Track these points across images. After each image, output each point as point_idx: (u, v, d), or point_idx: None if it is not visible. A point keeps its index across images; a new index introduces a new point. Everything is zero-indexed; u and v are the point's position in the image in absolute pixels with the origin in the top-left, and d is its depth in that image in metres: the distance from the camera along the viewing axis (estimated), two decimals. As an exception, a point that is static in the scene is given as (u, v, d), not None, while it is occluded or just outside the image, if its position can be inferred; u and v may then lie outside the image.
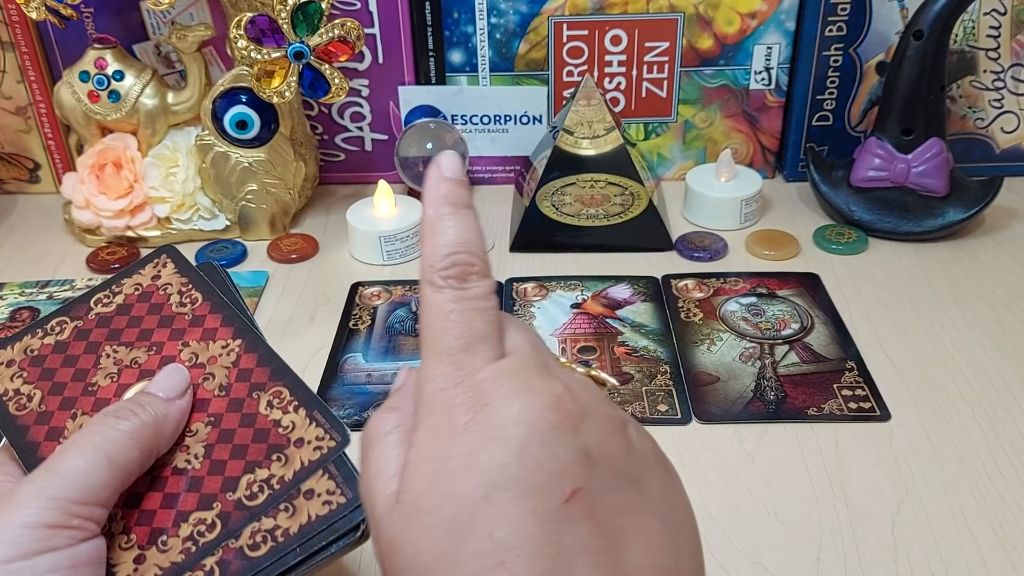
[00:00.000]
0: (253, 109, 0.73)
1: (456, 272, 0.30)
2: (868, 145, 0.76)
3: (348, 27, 0.68)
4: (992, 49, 0.80)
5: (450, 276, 0.30)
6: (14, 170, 0.86)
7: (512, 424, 0.27)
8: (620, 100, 0.83)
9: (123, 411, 0.36)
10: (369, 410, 0.58)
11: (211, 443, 0.38)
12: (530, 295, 0.69)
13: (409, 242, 0.74)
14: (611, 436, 0.29)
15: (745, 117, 0.84)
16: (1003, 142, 0.84)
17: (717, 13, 0.78)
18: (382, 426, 0.31)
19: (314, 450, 0.37)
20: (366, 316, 0.67)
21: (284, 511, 0.36)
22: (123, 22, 0.79)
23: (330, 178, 0.87)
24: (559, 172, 0.73)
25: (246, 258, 0.76)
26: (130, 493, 0.37)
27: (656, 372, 0.60)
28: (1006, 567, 0.45)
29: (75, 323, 0.43)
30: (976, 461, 0.52)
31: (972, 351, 0.62)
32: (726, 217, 0.78)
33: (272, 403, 0.39)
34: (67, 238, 0.80)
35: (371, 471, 0.30)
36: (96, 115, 0.74)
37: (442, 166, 0.31)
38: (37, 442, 0.39)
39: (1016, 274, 0.70)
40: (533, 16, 0.79)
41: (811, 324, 0.64)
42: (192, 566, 0.35)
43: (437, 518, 0.27)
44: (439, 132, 0.80)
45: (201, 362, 0.41)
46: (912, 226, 0.74)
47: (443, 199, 0.31)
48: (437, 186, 0.31)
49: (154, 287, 0.45)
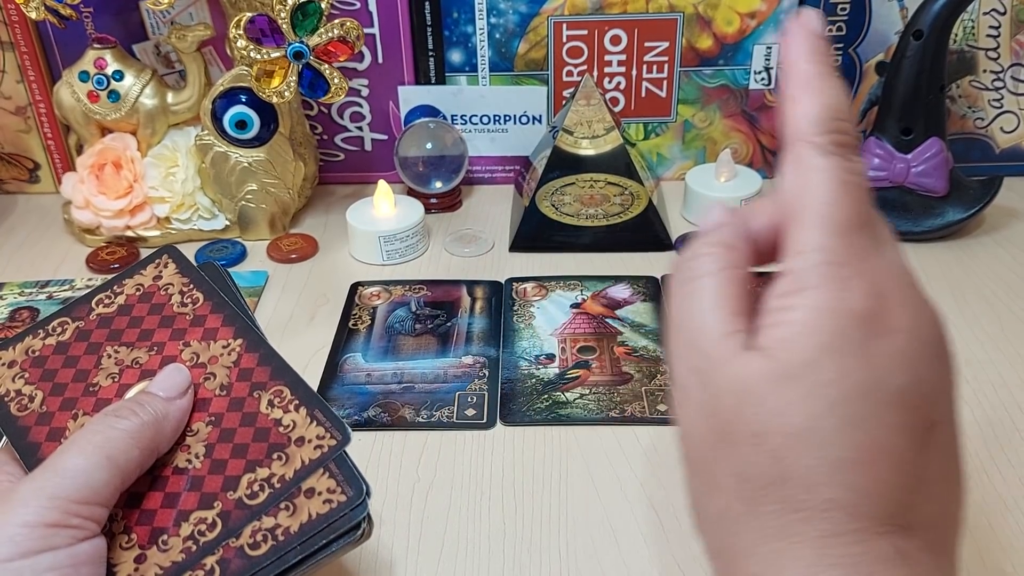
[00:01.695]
0: (253, 109, 0.73)
1: (844, 140, 0.29)
2: (867, 145, 0.76)
3: (348, 27, 0.69)
4: (992, 49, 0.80)
5: (839, 143, 0.29)
6: (14, 170, 0.86)
7: (907, 332, 0.27)
8: (620, 100, 0.83)
9: (123, 411, 0.37)
10: (370, 409, 0.58)
11: (212, 442, 0.38)
12: (530, 295, 0.69)
13: (409, 242, 0.74)
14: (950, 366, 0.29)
15: (744, 117, 0.84)
16: (1003, 142, 0.84)
17: (716, 13, 0.79)
18: (709, 262, 0.30)
19: (315, 449, 0.37)
20: (366, 316, 0.67)
21: (285, 510, 0.36)
22: (123, 22, 0.79)
23: (330, 178, 0.87)
24: (559, 172, 0.73)
25: (246, 258, 0.76)
26: (131, 493, 0.37)
27: (656, 372, 0.60)
28: (1006, 567, 0.46)
29: (76, 324, 0.44)
30: (975, 461, 0.52)
31: (971, 350, 0.62)
32: (726, 217, 0.78)
33: (273, 402, 0.39)
34: (67, 238, 0.80)
35: (702, 303, 0.29)
36: (96, 115, 0.74)
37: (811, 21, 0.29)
38: (38, 442, 0.39)
39: (1015, 274, 0.70)
40: (533, 16, 0.79)
41: (810, 324, 0.64)
42: (193, 565, 0.35)
43: (821, 392, 0.27)
44: (439, 132, 0.81)
45: (202, 362, 0.41)
46: (911, 226, 0.74)
47: (822, 55, 0.29)
48: (813, 41, 0.29)
49: (155, 287, 0.45)
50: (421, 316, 0.67)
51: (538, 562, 0.47)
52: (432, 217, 0.81)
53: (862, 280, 0.28)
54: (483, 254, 0.75)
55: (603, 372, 0.60)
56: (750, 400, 0.27)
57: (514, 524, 0.49)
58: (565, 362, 0.62)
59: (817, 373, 0.27)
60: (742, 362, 0.28)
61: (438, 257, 0.76)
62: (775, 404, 0.27)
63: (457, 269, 0.74)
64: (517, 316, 0.66)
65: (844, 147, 0.29)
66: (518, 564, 0.47)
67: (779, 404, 0.27)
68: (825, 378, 0.27)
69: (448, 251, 0.76)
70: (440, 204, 0.83)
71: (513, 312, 0.67)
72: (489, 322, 0.66)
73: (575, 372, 0.61)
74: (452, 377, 0.60)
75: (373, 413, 0.57)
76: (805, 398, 0.27)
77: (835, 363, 0.27)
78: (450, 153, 0.81)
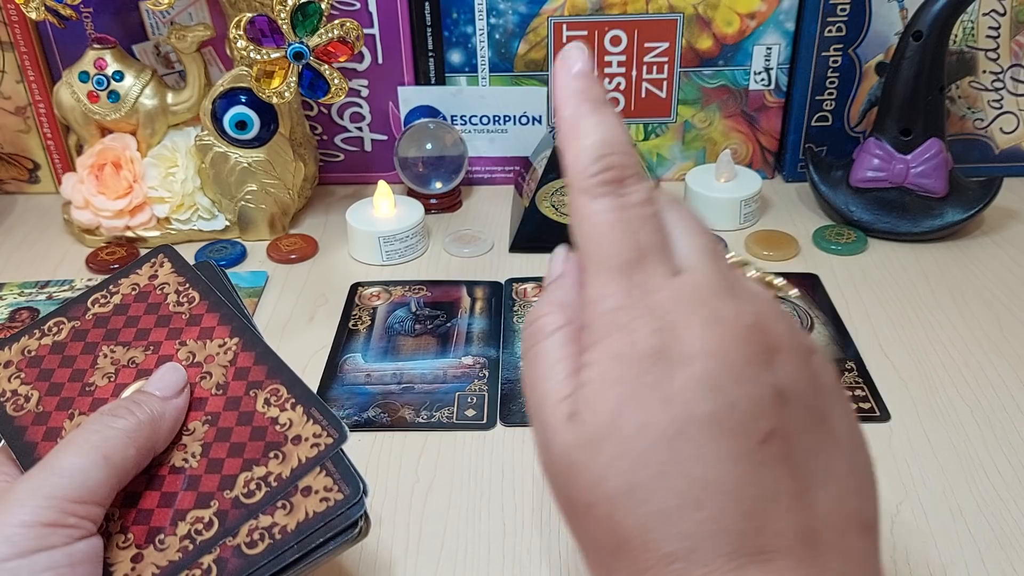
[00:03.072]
0: (253, 109, 0.73)
1: (611, 176, 0.28)
2: (867, 145, 0.76)
3: (347, 27, 0.69)
4: (991, 50, 0.80)
5: (605, 182, 0.28)
6: (13, 170, 0.87)
7: (703, 356, 0.26)
8: (619, 100, 0.83)
9: (120, 410, 0.36)
10: (369, 410, 0.58)
11: (208, 441, 0.38)
12: (530, 295, 0.69)
13: (408, 242, 0.74)
14: (801, 370, 0.27)
15: (744, 117, 0.84)
16: (1002, 143, 0.84)
17: (716, 13, 0.79)
18: (548, 324, 0.29)
19: (311, 447, 0.37)
20: (365, 316, 0.67)
21: (282, 508, 0.36)
22: (122, 22, 0.79)
23: (329, 178, 0.87)
24: (559, 172, 0.73)
25: (245, 258, 0.76)
26: (127, 492, 0.37)
27: (655, 372, 0.60)
28: (1005, 567, 0.45)
29: (72, 323, 0.43)
30: (975, 461, 0.52)
31: (971, 351, 0.61)
32: (725, 217, 0.78)
33: (269, 401, 0.39)
34: (66, 238, 0.80)
35: (539, 370, 0.29)
36: (95, 115, 0.74)
37: (570, 60, 0.29)
38: (35, 442, 0.39)
39: (1015, 275, 0.70)
40: (532, 16, 0.79)
41: (810, 324, 0.64)
42: (190, 564, 0.35)
43: (628, 448, 0.26)
44: (439, 132, 0.80)
45: (198, 361, 0.41)
46: (911, 226, 0.74)
47: (580, 95, 0.28)
48: (570, 83, 0.29)
49: (151, 287, 0.45)
50: (421, 316, 0.67)
51: (538, 562, 0.47)
52: (432, 217, 0.81)
53: (647, 318, 0.27)
54: (483, 254, 0.75)
55: (602, 372, 0.60)
56: (576, 471, 0.27)
57: (514, 524, 0.49)
58: (564, 362, 0.61)
59: (621, 428, 0.26)
60: (563, 434, 0.27)
61: (438, 257, 0.75)
62: (595, 471, 0.26)
63: (457, 269, 0.73)
64: (517, 316, 0.66)
65: (614, 182, 0.28)
66: (518, 564, 0.47)
67: (598, 470, 0.26)
68: (629, 431, 0.26)
69: (448, 251, 0.76)
70: (440, 204, 0.83)
71: (513, 312, 0.67)
72: (489, 323, 0.66)
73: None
74: (452, 377, 0.60)
75: (373, 413, 0.57)
76: (617, 457, 0.26)
77: (635, 413, 0.26)
78: (450, 153, 0.81)
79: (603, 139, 0.28)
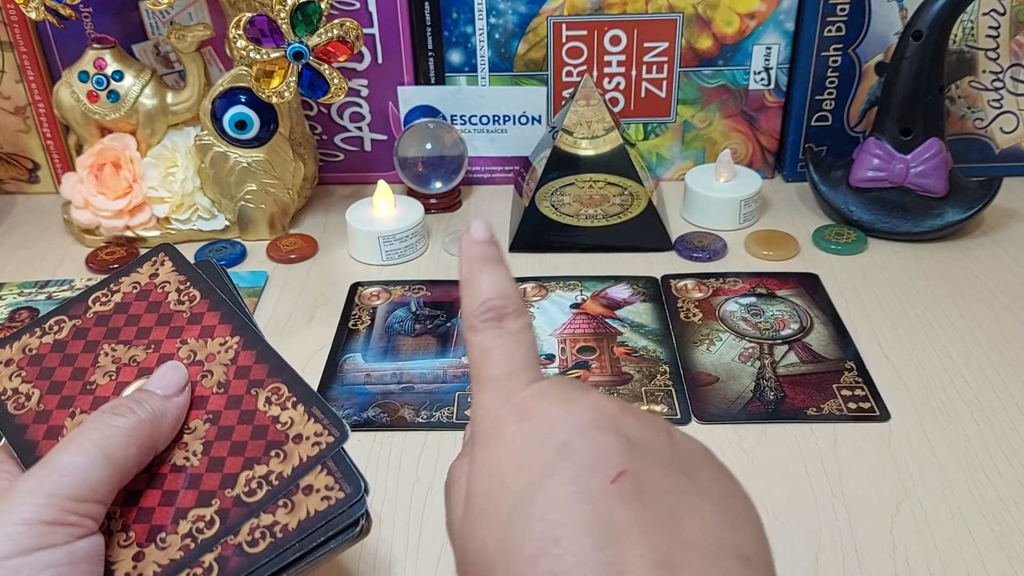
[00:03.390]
0: (252, 109, 0.73)
1: (492, 315, 0.33)
2: (867, 145, 0.76)
3: (347, 27, 0.69)
4: (991, 49, 0.80)
5: (488, 319, 0.33)
6: (13, 170, 0.86)
7: (555, 426, 0.30)
8: (619, 100, 0.83)
9: (121, 408, 0.36)
10: (369, 409, 0.58)
11: (210, 440, 0.38)
12: (529, 295, 0.69)
13: (408, 242, 0.74)
14: (654, 431, 0.31)
15: (744, 117, 0.84)
16: (1002, 142, 0.84)
17: (716, 13, 0.79)
18: (457, 470, 0.34)
19: (313, 446, 0.37)
20: (365, 316, 0.67)
21: (283, 507, 0.36)
22: (122, 22, 0.79)
23: (329, 178, 0.87)
24: (558, 172, 0.73)
25: (245, 258, 0.76)
26: (129, 491, 0.37)
27: (655, 372, 0.60)
28: (1004, 567, 0.45)
29: (73, 322, 0.43)
30: (975, 461, 0.52)
31: (971, 351, 0.62)
32: (725, 217, 0.78)
33: (270, 399, 0.39)
34: (66, 238, 0.80)
35: (448, 507, 0.33)
36: (95, 115, 0.74)
37: (472, 231, 0.35)
38: (36, 441, 0.39)
39: (1015, 274, 0.70)
40: (532, 16, 0.79)
41: (810, 324, 0.64)
42: (191, 563, 0.35)
43: (497, 513, 0.29)
44: (438, 132, 0.80)
45: (199, 359, 0.41)
46: (911, 226, 0.74)
47: (476, 258, 0.35)
48: (470, 248, 0.35)
49: (152, 285, 0.45)
50: (421, 316, 0.67)
51: (537, 561, 0.47)
52: (432, 217, 0.81)
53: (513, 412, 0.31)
54: (482, 254, 0.75)
55: (603, 372, 0.60)
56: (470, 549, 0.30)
57: (513, 523, 0.49)
58: (565, 362, 0.61)
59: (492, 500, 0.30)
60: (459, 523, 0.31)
61: (437, 257, 0.75)
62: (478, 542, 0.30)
63: (456, 269, 0.73)
64: (516, 316, 0.66)
65: (496, 319, 0.33)
66: (517, 563, 0.46)
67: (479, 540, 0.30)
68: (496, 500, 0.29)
69: (448, 251, 0.76)
70: (440, 204, 0.83)
71: (512, 312, 0.67)
72: (488, 322, 0.66)
73: (575, 372, 0.61)
74: (452, 377, 0.60)
75: (372, 413, 0.57)
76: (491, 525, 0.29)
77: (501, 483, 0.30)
78: (450, 153, 0.81)
79: (489, 289, 0.34)
